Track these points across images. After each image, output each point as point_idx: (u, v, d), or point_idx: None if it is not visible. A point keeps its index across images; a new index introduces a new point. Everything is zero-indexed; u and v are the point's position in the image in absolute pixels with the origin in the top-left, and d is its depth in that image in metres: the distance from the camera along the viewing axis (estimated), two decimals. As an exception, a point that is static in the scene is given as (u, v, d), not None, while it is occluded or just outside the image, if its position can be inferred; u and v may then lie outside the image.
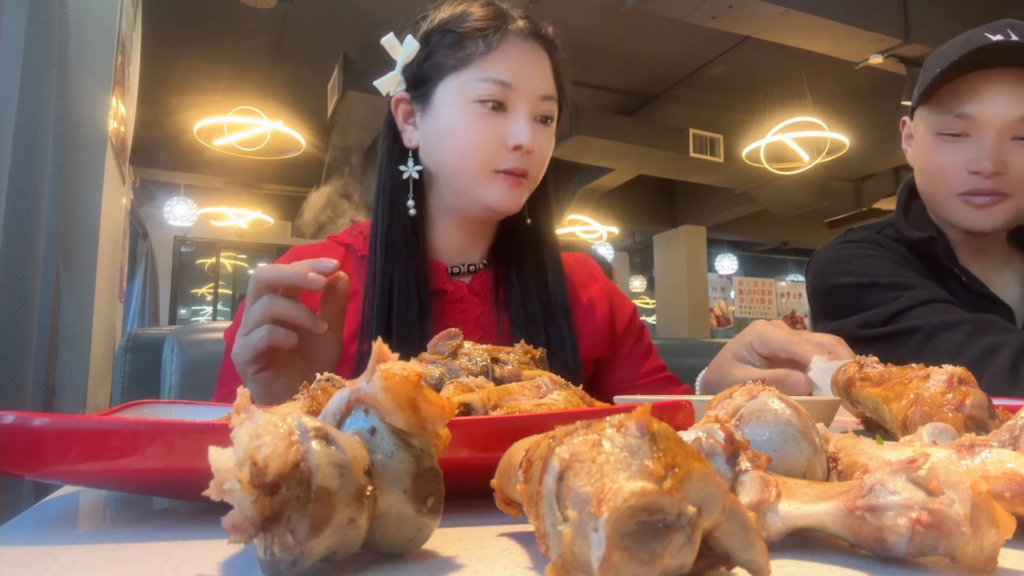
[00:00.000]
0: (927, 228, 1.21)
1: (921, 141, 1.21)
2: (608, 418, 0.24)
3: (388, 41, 1.01)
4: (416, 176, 1.01)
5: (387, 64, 1.03)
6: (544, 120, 1.00)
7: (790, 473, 0.35)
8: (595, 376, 1.13)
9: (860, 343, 1.13)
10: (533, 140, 0.96)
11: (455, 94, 0.96)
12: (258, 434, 0.26)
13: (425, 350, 0.66)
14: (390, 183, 1.02)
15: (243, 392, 0.29)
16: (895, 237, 1.24)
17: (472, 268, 1.05)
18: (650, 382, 1.12)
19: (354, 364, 0.95)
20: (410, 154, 1.02)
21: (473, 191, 0.97)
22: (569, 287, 1.09)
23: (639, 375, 1.13)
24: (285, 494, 0.25)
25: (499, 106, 0.95)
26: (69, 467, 0.35)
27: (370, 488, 0.27)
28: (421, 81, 1.00)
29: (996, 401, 0.53)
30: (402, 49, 1.00)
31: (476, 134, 0.95)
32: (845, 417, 0.82)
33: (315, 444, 0.26)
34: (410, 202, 1.00)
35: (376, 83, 1.03)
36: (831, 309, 1.22)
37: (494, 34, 0.96)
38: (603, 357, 1.12)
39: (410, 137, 1.02)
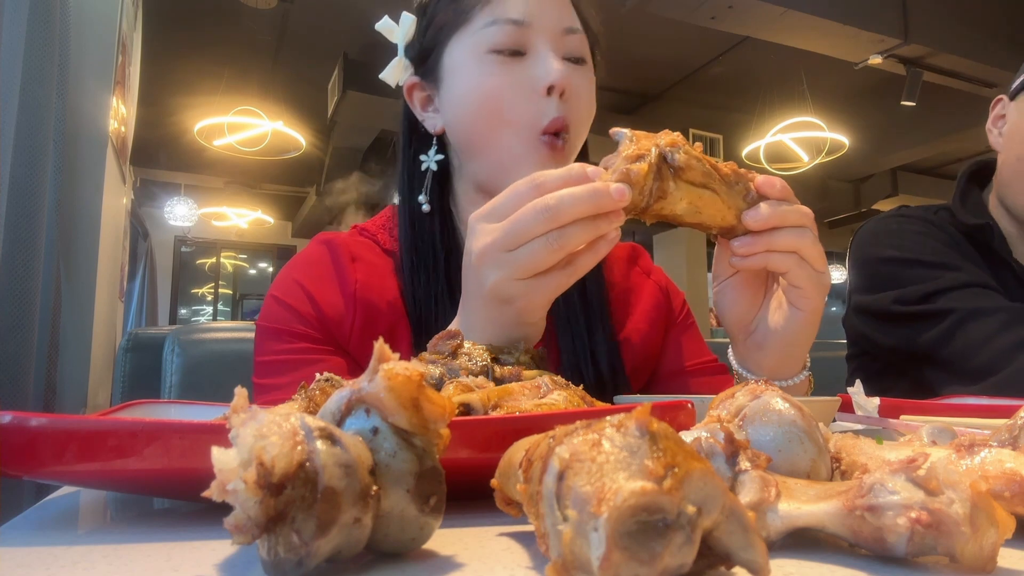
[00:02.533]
0: (983, 217, 1.19)
1: (1018, 128, 1.15)
2: (608, 418, 0.24)
3: (383, 25, 0.89)
4: (435, 167, 0.90)
5: (388, 61, 0.93)
6: (576, 60, 0.84)
7: (794, 473, 0.35)
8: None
9: (892, 319, 1.12)
10: (566, 77, 0.80)
11: (465, 52, 0.83)
12: (263, 434, 0.26)
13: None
14: (410, 181, 0.91)
15: (241, 392, 0.29)
16: (949, 221, 1.21)
17: None
18: (698, 371, 1.00)
19: None
20: (433, 142, 0.91)
21: (508, 164, 0.82)
22: (616, 288, 0.98)
23: (690, 365, 1.00)
24: (290, 494, 0.25)
25: (517, 53, 0.81)
26: (68, 467, 0.35)
27: (374, 488, 0.27)
28: (426, 54, 0.88)
29: (997, 401, 0.53)
30: (399, 28, 0.88)
31: (497, 87, 0.81)
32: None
33: (320, 444, 0.26)
34: (422, 197, 0.89)
35: (382, 75, 0.91)
36: (870, 281, 1.19)
37: None
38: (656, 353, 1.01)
39: (433, 123, 0.90)
